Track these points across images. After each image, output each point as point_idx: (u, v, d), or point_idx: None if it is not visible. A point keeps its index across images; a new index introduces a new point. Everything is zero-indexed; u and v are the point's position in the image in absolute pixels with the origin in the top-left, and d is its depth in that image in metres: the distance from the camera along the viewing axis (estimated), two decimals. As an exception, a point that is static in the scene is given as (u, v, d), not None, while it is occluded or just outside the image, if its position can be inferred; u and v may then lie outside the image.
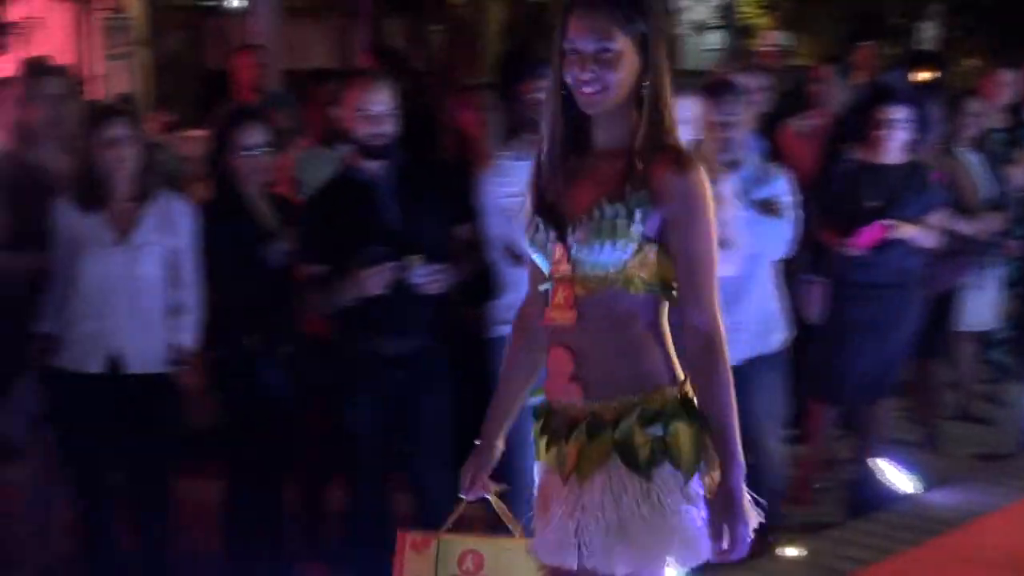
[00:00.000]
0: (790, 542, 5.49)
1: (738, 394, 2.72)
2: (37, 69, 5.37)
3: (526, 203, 3.00)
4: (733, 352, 5.14)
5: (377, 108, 4.70)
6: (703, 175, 2.84)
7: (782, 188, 5.39)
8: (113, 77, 16.70)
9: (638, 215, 2.76)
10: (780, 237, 5.36)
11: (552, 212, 2.89)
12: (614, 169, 2.83)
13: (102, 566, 5.14)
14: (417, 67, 12.70)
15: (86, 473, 5.04)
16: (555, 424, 2.98)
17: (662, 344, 2.92)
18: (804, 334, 5.85)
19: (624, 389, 2.87)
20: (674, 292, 2.85)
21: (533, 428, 3.10)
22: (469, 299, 5.00)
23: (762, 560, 5.24)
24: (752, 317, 5.25)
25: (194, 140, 9.47)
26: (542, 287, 3.02)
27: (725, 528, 2.74)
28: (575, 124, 2.93)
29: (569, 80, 2.82)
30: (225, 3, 21.89)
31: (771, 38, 11.81)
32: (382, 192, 4.71)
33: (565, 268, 2.86)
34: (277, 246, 4.95)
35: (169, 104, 15.00)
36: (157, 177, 5.01)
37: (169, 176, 5.70)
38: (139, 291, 4.86)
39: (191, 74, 17.85)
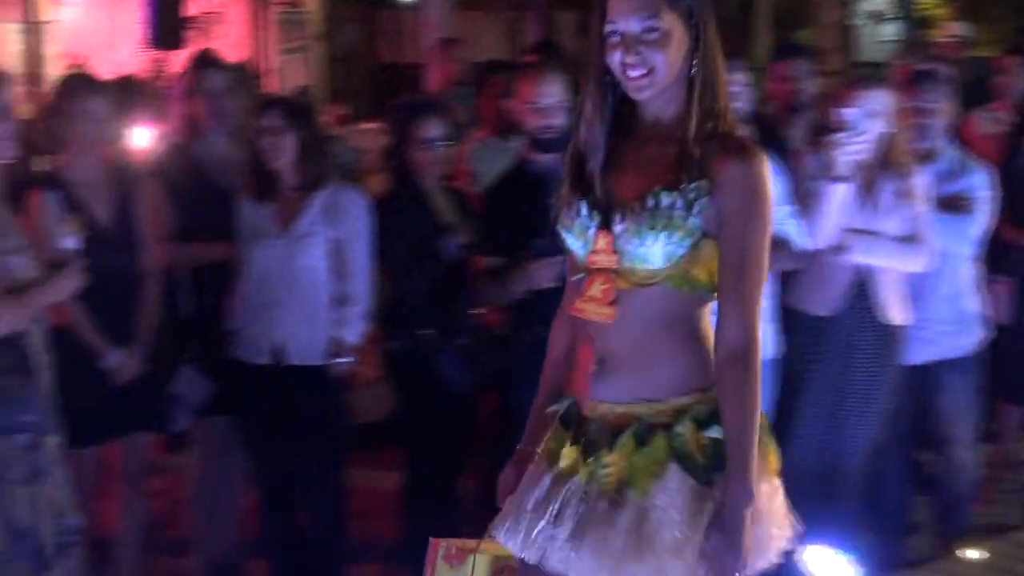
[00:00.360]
0: (971, 544, 5.31)
1: (926, 396, 2.61)
2: (202, 62, 5.46)
3: (563, 186, 2.86)
4: (916, 352, 5.02)
5: (547, 101, 4.70)
6: (766, 166, 2.68)
7: (978, 183, 5.20)
8: (289, 71, 17.09)
9: (697, 207, 2.59)
10: (965, 234, 5.16)
11: (596, 196, 2.73)
12: (665, 155, 2.66)
13: (278, 552, 5.24)
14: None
15: (260, 462, 5.16)
16: (592, 432, 2.78)
17: (708, 344, 2.74)
18: (994, 334, 5.58)
19: (673, 390, 2.71)
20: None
21: (551, 435, 2.90)
22: None
23: (943, 562, 5.11)
24: (940, 316, 5.10)
25: (368, 133, 9.57)
26: (574, 277, 2.84)
27: (713, 553, 2.57)
28: (617, 107, 2.78)
29: (613, 64, 2.66)
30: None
31: (951, 29, 11.52)
32: (554, 185, 4.64)
33: (609, 258, 2.68)
34: (453, 238, 5.00)
35: (343, 97, 15.23)
36: (325, 168, 5.06)
37: (343, 168, 5.77)
38: (301, 282, 4.93)
39: (365, 68, 18.15)
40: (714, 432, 2.64)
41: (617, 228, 2.63)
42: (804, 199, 4.83)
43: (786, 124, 5.82)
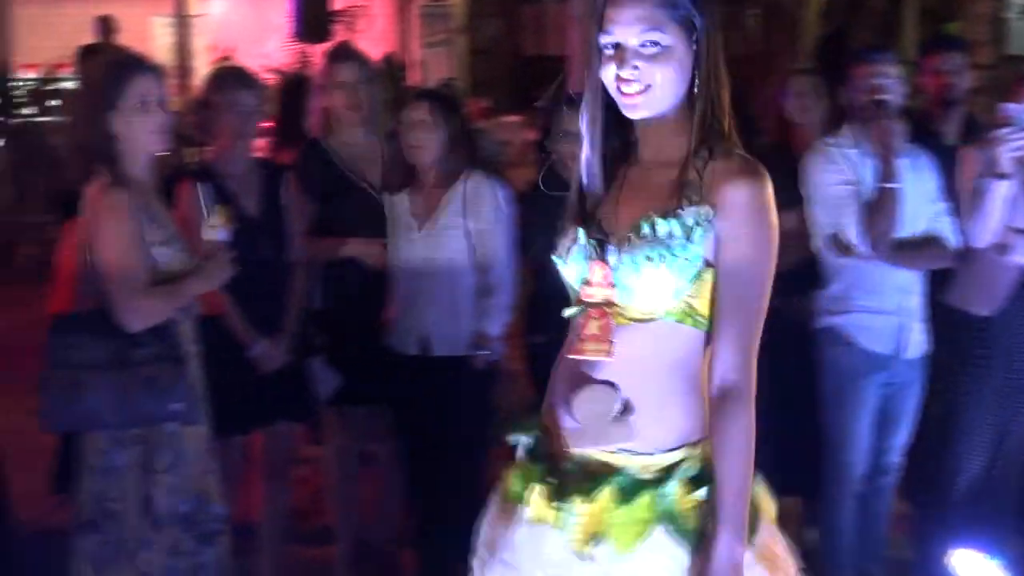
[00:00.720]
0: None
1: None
2: (340, 55, 5.49)
3: (567, 213, 2.63)
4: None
5: None
6: (770, 188, 2.45)
7: None
8: (431, 64, 17.26)
9: (697, 234, 2.39)
10: None
11: (594, 225, 2.53)
12: (668, 180, 2.46)
13: (425, 542, 5.23)
14: (734, 52, 12.48)
15: (408, 452, 5.18)
16: (565, 475, 2.52)
17: (702, 390, 2.51)
18: None
19: (665, 444, 2.48)
20: None
21: (516, 472, 2.66)
22: (795, 288, 4.80)
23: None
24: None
25: (510, 125, 9.57)
26: (568, 312, 2.60)
27: None
28: (620, 131, 2.57)
29: (607, 79, 2.45)
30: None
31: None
32: None
33: (605, 292, 2.45)
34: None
35: (485, 90, 15.30)
36: (467, 160, 5.03)
37: (487, 160, 5.76)
38: (444, 274, 4.92)
39: (506, 60, 18.19)
40: (702, 493, 2.43)
41: (614, 259, 2.43)
42: (962, 196, 4.65)
43: (939, 119, 5.64)
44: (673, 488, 2.41)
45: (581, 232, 2.52)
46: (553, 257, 2.63)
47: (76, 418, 3.85)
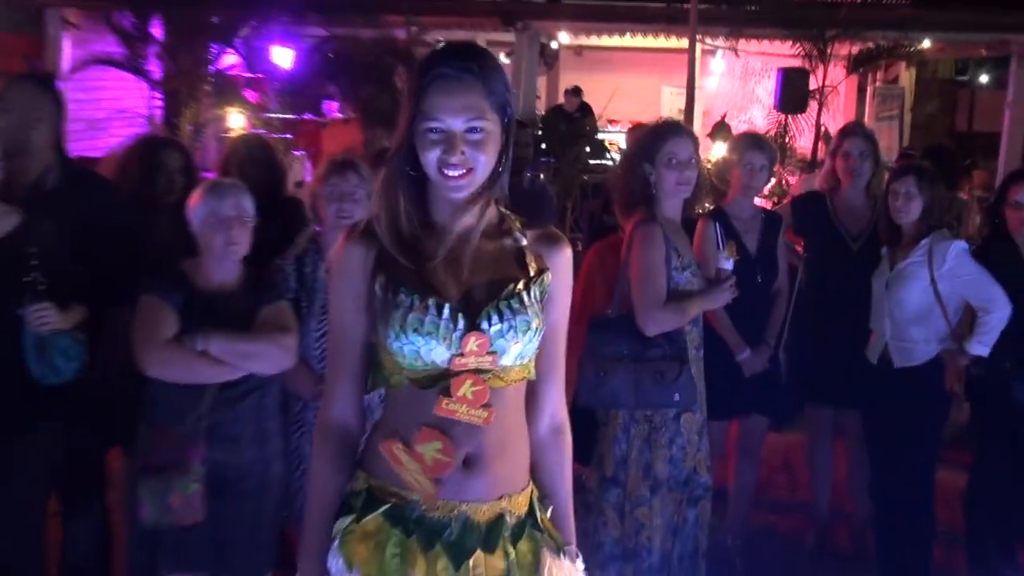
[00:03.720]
0: None
1: None
2: (847, 131, 5.50)
3: (393, 289, 2.26)
4: None
5: None
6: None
7: None
8: (880, 135, 17.03)
9: (543, 298, 2.32)
10: None
11: (452, 297, 2.26)
12: (501, 251, 2.33)
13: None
14: None
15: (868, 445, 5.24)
16: (452, 535, 2.29)
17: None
18: None
19: (526, 479, 2.41)
20: None
21: (374, 546, 2.29)
22: None
23: None
24: None
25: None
26: (418, 375, 2.27)
27: None
28: (419, 204, 2.35)
29: (428, 161, 2.24)
30: (976, 78, 21.50)
31: None
32: None
33: (482, 359, 2.24)
34: None
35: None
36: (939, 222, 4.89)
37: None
38: (900, 306, 4.90)
39: (942, 134, 17.75)
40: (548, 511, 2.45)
41: (492, 329, 2.23)
42: None
43: None
44: (539, 513, 2.41)
45: (444, 306, 2.24)
46: (390, 332, 2.25)
47: (601, 397, 4.10)
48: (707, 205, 4.65)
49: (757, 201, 5.23)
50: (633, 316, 4.12)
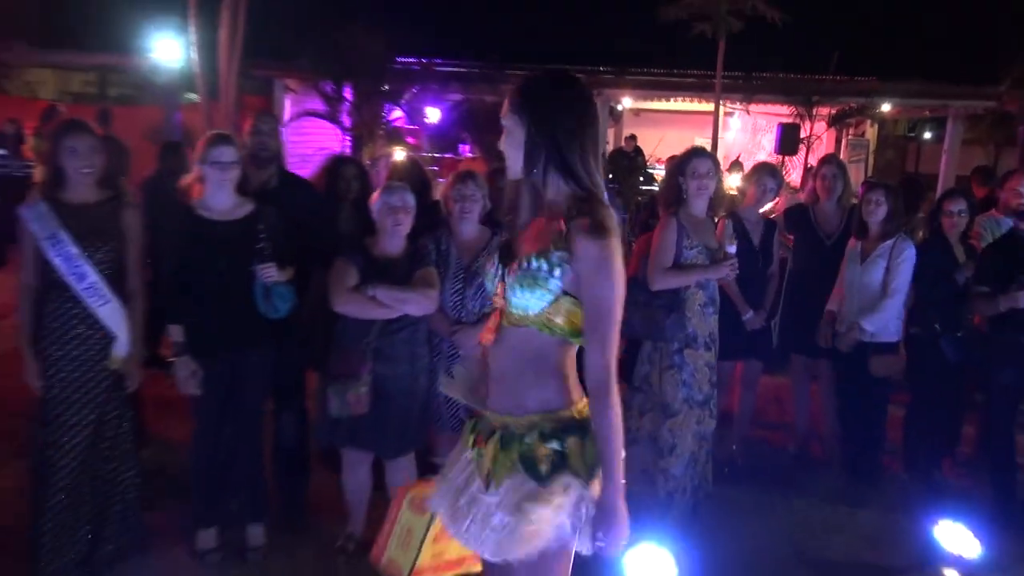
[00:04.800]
0: None
1: None
2: (825, 161, 5.43)
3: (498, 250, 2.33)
4: None
5: None
6: (615, 242, 2.12)
7: None
8: (851, 173, 16.70)
9: (558, 271, 2.12)
10: None
11: (506, 254, 2.26)
12: (551, 228, 2.17)
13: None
14: None
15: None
16: (481, 426, 2.33)
17: (563, 376, 2.23)
18: None
19: (529, 409, 2.21)
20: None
21: (467, 426, 2.40)
22: None
23: None
24: None
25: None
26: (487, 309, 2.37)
27: (601, 531, 2.15)
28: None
29: None
30: (921, 134, 20.90)
31: None
32: None
33: (500, 301, 2.24)
34: (963, 272, 4.70)
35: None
36: (898, 226, 4.80)
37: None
38: (868, 289, 4.80)
39: (895, 175, 17.28)
40: (554, 444, 2.18)
41: (508, 280, 2.20)
42: None
43: None
44: (531, 439, 2.19)
45: (497, 261, 2.29)
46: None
47: (628, 329, 4.10)
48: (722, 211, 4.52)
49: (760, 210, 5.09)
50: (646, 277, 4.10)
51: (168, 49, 13.50)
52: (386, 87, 14.24)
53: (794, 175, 13.52)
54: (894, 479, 4.96)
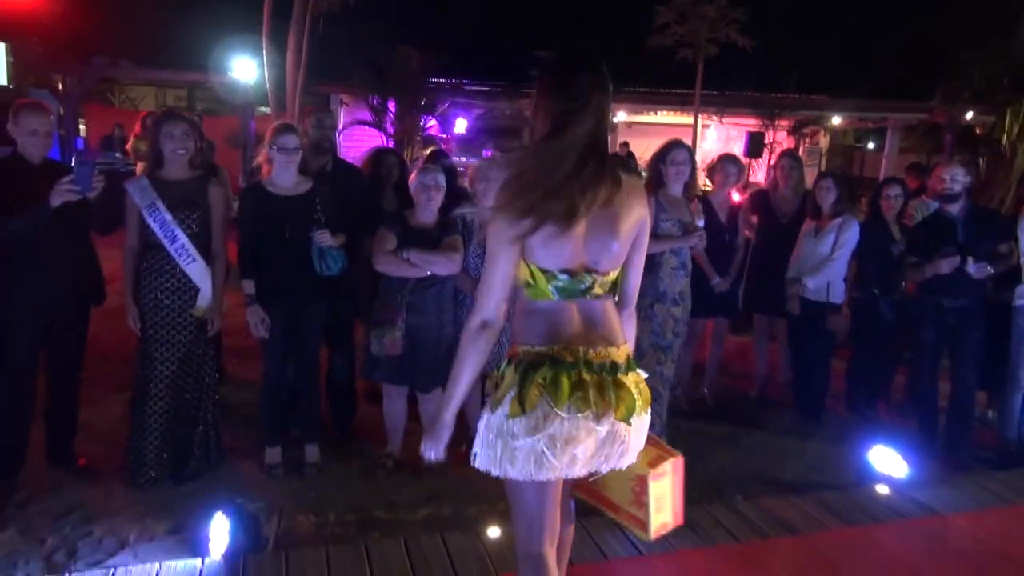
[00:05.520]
0: None
1: None
2: (785, 155, 5.35)
3: None
4: None
5: (951, 179, 4.17)
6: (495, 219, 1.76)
7: None
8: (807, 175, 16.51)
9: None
10: None
11: None
12: None
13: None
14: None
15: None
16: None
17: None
18: None
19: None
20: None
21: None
22: (1005, 285, 4.37)
23: None
24: None
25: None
26: None
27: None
28: None
29: None
30: (866, 144, 20.52)
31: None
32: (957, 222, 4.23)
33: None
34: (897, 246, 4.64)
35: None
36: (842, 207, 4.69)
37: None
38: (820, 258, 4.72)
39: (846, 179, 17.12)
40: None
41: None
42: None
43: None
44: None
45: None
46: None
47: None
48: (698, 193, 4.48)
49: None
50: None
51: (245, 68, 13.52)
52: (423, 102, 14.22)
53: (759, 175, 13.41)
54: (837, 418, 4.93)
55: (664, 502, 2.04)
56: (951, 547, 3.10)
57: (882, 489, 3.61)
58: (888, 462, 3.80)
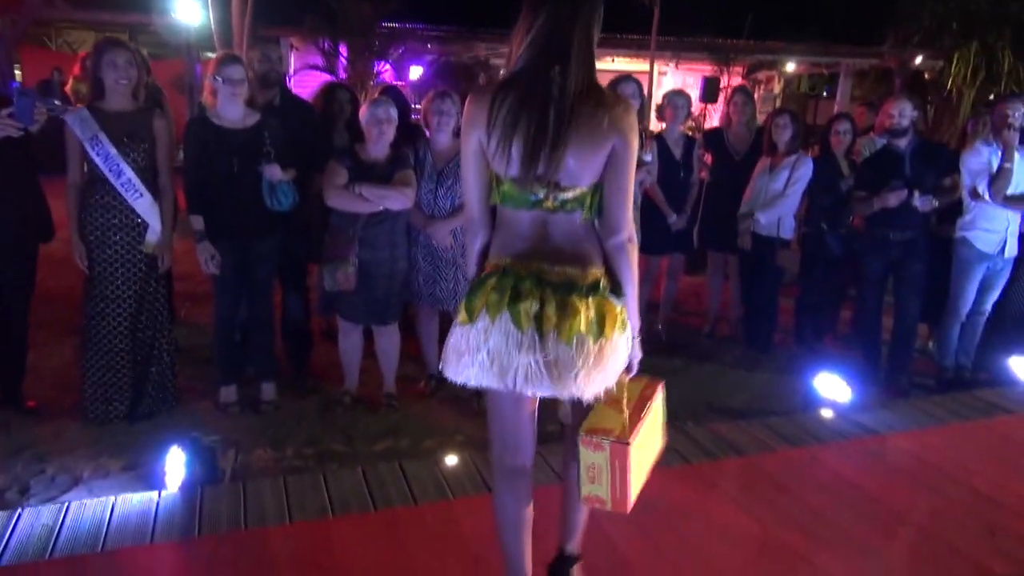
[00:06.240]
0: None
1: None
2: (737, 91, 5.34)
3: None
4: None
5: (899, 114, 4.23)
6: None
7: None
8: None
9: None
10: None
11: None
12: None
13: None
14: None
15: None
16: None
17: None
18: None
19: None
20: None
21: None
22: (947, 216, 4.49)
23: None
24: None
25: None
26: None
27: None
28: None
29: None
30: (820, 91, 20.64)
31: None
32: (904, 156, 4.27)
33: None
34: (845, 181, 4.69)
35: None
36: (797, 142, 4.77)
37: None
38: (773, 193, 4.76)
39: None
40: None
41: None
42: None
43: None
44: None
45: None
46: None
47: None
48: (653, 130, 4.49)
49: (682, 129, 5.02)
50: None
51: (188, 10, 13.00)
52: (375, 45, 13.89)
53: (715, 120, 13.47)
54: (785, 351, 5.06)
55: (599, 476, 1.82)
56: (890, 463, 3.24)
57: (826, 413, 3.74)
58: (832, 388, 3.93)
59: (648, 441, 1.91)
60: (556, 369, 1.69)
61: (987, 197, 4.15)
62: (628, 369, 1.84)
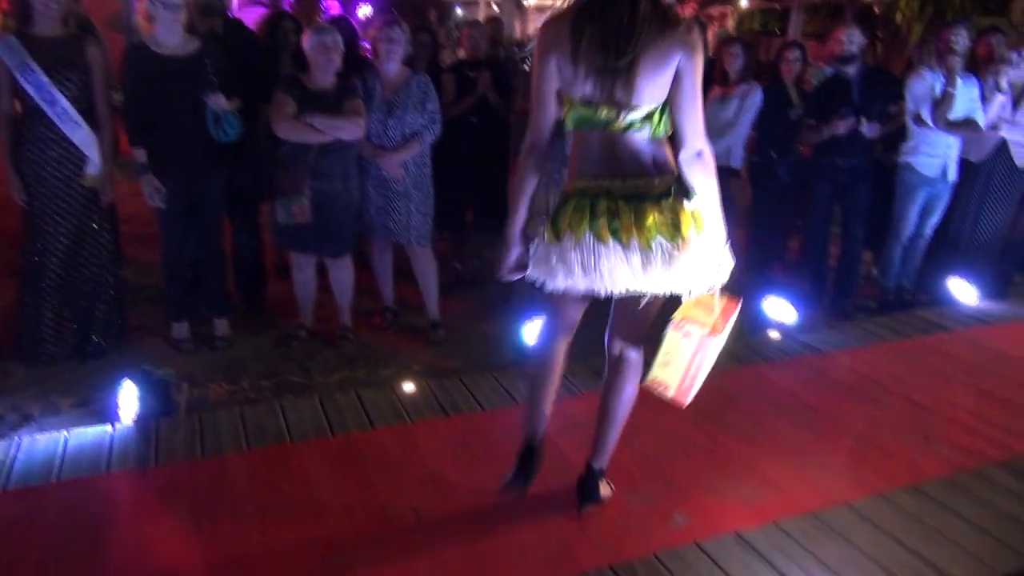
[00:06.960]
0: None
1: None
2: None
3: None
4: None
5: (848, 40, 4.24)
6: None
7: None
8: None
9: None
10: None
11: None
12: None
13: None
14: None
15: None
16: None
17: None
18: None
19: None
20: None
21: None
22: (891, 142, 4.58)
23: None
24: None
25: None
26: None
27: None
28: None
29: None
30: (772, 27, 20.65)
31: None
32: (853, 83, 4.31)
33: None
34: (796, 109, 4.72)
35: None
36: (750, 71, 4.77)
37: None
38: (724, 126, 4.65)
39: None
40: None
41: None
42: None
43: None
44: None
45: None
46: None
47: None
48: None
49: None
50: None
51: (121, -58, 12.35)
52: (322, -20, 13.45)
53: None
54: (734, 279, 5.13)
55: (675, 362, 1.98)
56: (832, 377, 3.36)
57: (773, 334, 3.85)
58: (779, 311, 4.04)
59: (719, 348, 2.03)
60: (641, 269, 1.87)
61: (930, 122, 4.22)
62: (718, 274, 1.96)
